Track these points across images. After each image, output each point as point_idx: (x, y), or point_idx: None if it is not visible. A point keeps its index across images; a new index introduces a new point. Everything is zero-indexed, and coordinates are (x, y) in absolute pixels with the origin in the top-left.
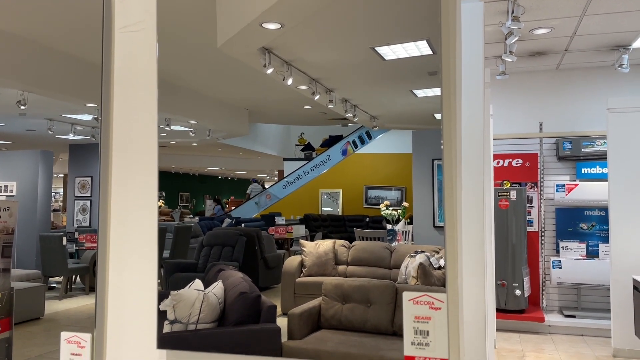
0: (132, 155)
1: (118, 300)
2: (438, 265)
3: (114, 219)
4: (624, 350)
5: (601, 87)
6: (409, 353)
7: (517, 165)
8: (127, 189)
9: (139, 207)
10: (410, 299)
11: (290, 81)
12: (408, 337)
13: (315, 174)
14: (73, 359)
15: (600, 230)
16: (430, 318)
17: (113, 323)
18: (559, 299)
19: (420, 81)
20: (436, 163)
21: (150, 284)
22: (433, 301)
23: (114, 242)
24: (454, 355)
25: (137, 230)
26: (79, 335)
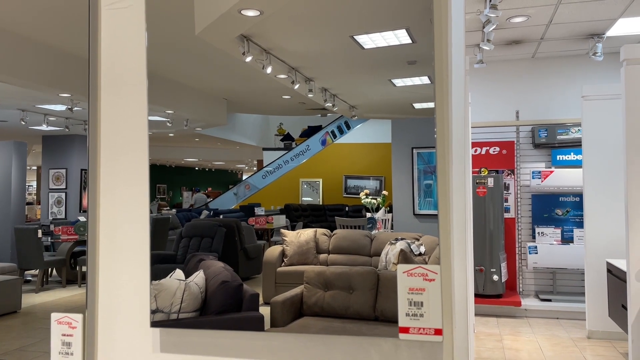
0: (122, 131)
1: (109, 279)
2: (419, 252)
3: (104, 193)
4: (598, 332)
5: (576, 75)
6: (404, 324)
7: (494, 153)
8: (117, 163)
9: (129, 181)
10: (405, 271)
11: (269, 70)
12: (402, 308)
13: (295, 163)
14: (65, 340)
15: (574, 216)
16: (424, 289)
17: (105, 302)
18: (535, 284)
19: (399, 71)
20: (416, 152)
21: (142, 260)
22: (427, 273)
23: (103, 217)
24: (447, 325)
25: (127, 203)
26: (70, 315)
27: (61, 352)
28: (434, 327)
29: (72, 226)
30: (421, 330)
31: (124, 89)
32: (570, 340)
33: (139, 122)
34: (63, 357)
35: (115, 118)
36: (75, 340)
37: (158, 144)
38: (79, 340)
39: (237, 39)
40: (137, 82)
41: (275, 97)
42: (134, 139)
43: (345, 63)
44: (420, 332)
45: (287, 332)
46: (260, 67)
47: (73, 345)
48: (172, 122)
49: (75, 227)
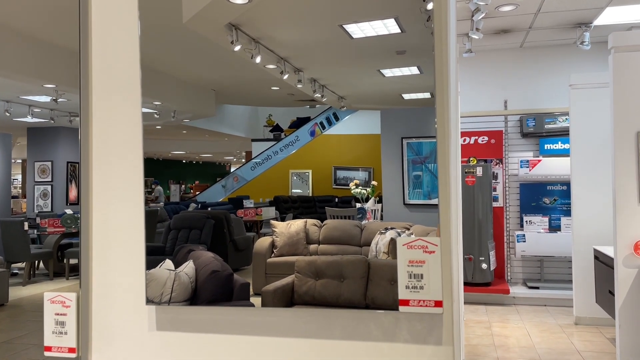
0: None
1: (103, 257)
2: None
3: (96, 169)
4: (585, 318)
5: (563, 64)
6: (404, 297)
7: (483, 143)
8: (109, 135)
9: (122, 154)
10: (404, 244)
11: (258, 59)
12: (402, 281)
13: (284, 154)
14: (58, 319)
15: (562, 204)
16: (424, 262)
17: (99, 281)
18: (523, 272)
19: (389, 61)
20: (405, 142)
21: (137, 237)
22: (427, 245)
23: (96, 193)
24: (447, 297)
25: (121, 179)
26: (64, 294)
27: (55, 331)
28: (434, 299)
29: (58, 219)
30: (421, 302)
31: (116, 81)
32: (558, 326)
33: (132, 110)
34: (57, 336)
35: (108, 107)
36: (69, 319)
37: (145, 137)
38: (73, 320)
39: (225, 28)
40: (130, 73)
41: (264, 88)
42: (127, 130)
43: (334, 53)
44: (420, 304)
45: (285, 308)
46: (249, 57)
47: (67, 325)
48: (160, 113)
49: (62, 220)
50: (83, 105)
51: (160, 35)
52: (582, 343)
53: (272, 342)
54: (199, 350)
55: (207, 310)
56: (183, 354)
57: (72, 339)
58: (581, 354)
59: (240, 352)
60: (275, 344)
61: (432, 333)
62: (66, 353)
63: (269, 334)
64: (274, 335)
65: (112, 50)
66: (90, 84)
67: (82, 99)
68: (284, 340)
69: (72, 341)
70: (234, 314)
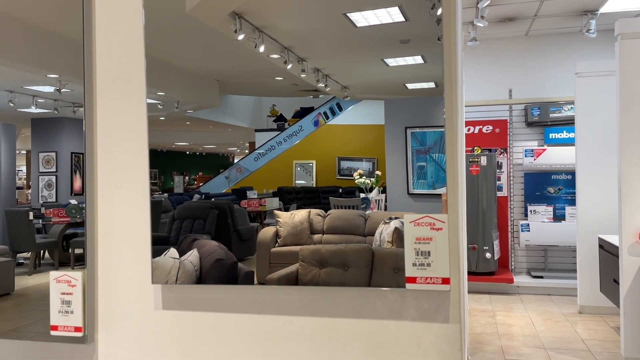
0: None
1: (109, 236)
2: None
3: (101, 149)
4: (590, 307)
5: (569, 53)
6: (410, 274)
7: (487, 132)
8: (114, 116)
9: (127, 135)
10: (412, 221)
11: (262, 49)
12: (409, 258)
13: (288, 144)
14: (64, 299)
15: (566, 194)
16: (431, 239)
17: (104, 260)
18: (527, 261)
19: (392, 50)
20: (409, 132)
21: (142, 217)
22: (434, 222)
23: (102, 173)
24: (454, 274)
25: (126, 158)
26: (69, 274)
27: (61, 310)
28: (442, 276)
29: (63, 209)
30: (428, 279)
31: (120, 71)
32: (562, 315)
33: (136, 101)
34: (63, 315)
35: (112, 98)
36: (75, 298)
37: (149, 128)
38: (79, 299)
39: (228, 16)
40: (134, 63)
41: (268, 79)
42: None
43: (337, 42)
44: (428, 281)
45: (291, 286)
46: (253, 46)
47: (73, 304)
48: (163, 104)
49: (66, 210)
50: (87, 96)
51: (164, 25)
52: (586, 332)
53: (278, 320)
54: (205, 329)
55: (213, 289)
56: (189, 332)
57: (79, 318)
58: (585, 342)
59: (246, 330)
60: (281, 323)
61: (439, 311)
62: (72, 332)
63: (274, 313)
64: (279, 313)
65: (116, 40)
66: (94, 74)
67: (86, 90)
68: (290, 319)
69: (79, 320)
70: (240, 292)
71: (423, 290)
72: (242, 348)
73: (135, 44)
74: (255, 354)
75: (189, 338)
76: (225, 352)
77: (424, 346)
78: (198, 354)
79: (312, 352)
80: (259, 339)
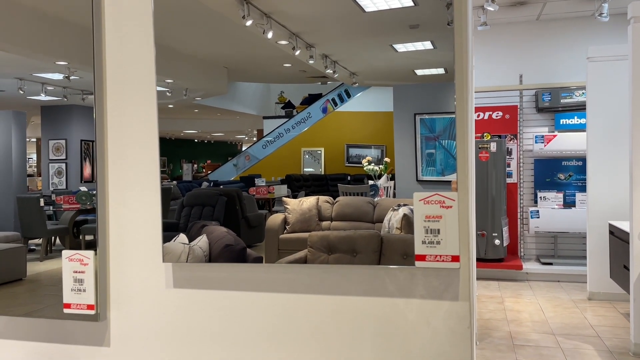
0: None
1: (120, 215)
2: None
3: (111, 130)
4: (599, 294)
5: (580, 37)
6: (420, 252)
7: (497, 118)
8: (124, 103)
9: (138, 115)
10: (421, 199)
11: (270, 35)
12: (419, 236)
13: (296, 132)
14: (76, 277)
15: (577, 180)
16: (441, 217)
17: (116, 239)
18: (536, 248)
19: (401, 35)
20: (418, 118)
21: (153, 195)
22: (444, 200)
23: (112, 150)
24: (464, 252)
25: (136, 135)
26: (81, 252)
27: (73, 289)
28: (451, 254)
29: (73, 195)
30: (438, 257)
31: (130, 58)
32: (571, 301)
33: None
34: (76, 293)
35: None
36: (87, 277)
37: (158, 116)
38: (91, 277)
39: (236, 2)
40: (144, 50)
41: (276, 65)
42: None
43: (346, 27)
44: (437, 259)
45: (301, 264)
46: (261, 32)
47: (85, 282)
48: (172, 91)
49: (77, 197)
50: (97, 83)
51: (172, 12)
52: (595, 318)
53: (287, 298)
54: (215, 307)
55: (224, 268)
56: (200, 310)
57: (91, 296)
58: (594, 328)
59: (256, 308)
60: (290, 301)
61: (449, 289)
62: (85, 310)
63: (284, 291)
64: (289, 292)
65: (126, 28)
66: (104, 62)
67: (96, 77)
68: (299, 297)
69: (91, 298)
70: (250, 271)
71: (432, 268)
72: (251, 326)
73: (144, 30)
74: (264, 332)
75: (200, 316)
76: (235, 330)
77: (434, 324)
78: (209, 331)
79: (321, 330)
80: (268, 317)
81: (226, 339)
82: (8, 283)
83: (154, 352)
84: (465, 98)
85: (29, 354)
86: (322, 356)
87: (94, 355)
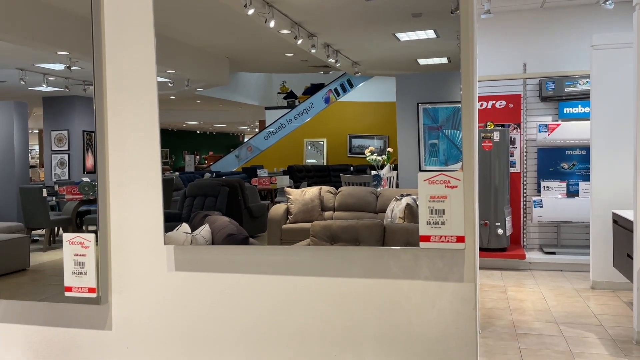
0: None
1: (121, 198)
2: None
3: (111, 111)
4: (602, 282)
5: (585, 25)
6: (425, 233)
7: (500, 107)
8: (124, 94)
9: (137, 95)
10: (426, 179)
11: (272, 24)
12: (423, 217)
13: (298, 122)
14: (77, 260)
15: (580, 169)
16: (446, 197)
17: (117, 222)
18: (539, 237)
19: (404, 24)
20: (421, 107)
21: (153, 178)
22: (449, 180)
23: (112, 135)
24: (469, 232)
25: (137, 120)
26: (82, 235)
27: (74, 272)
28: (456, 235)
29: (76, 186)
30: (442, 238)
31: (129, 48)
32: (574, 290)
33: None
34: (77, 277)
35: (122, 76)
36: (88, 260)
37: (160, 108)
38: (92, 260)
39: None
40: (144, 40)
41: (278, 55)
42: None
43: (348, 16)
44: (442, 240)
45: (304, 246)
46: (263, 22)
47: (86, 265)
48: (174, 82)
49: (79, 187)
50: (97, 74)
51: (173, 1)
52: (598, 306)
53: (290, 280)
54: (217, 290)
55: (226, 250)
56: (202, 294)
57: (92, 279)
58: (597, 317)
59: (259, 291)
60: (293, 283)
61: (454, 270)
62: (86, 293)
63: (287, 273)
64: (292, 274)
65: (125, 17)
66: (104, 52)
67: (95, 68)
68: (302, 279)
69: (92, 281)
70: (252, 253)
71: (437, 249)
72: (254, 308)
73: (144, 21)
74: (268, 314)
75: (202, 299)
76: (238, 313)
77: (438, 305)
78: (211, 314)
79: (324, 313)
80: (271, 299)
81: (228, 322)
82: (12, 273)
83: (156, 335)
84: (471, 81)
85: (30, 338)
86: (324, 339)
87: (96, 338)
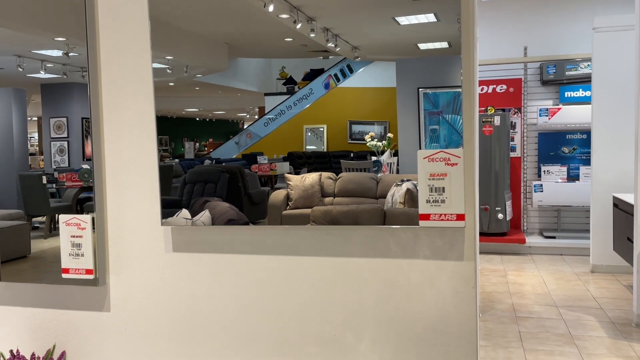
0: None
1: (116, 178)
2: None
3: (106, 93)
4: (602, 266)
5: (586, 7)
6: (424, 211)
7: (501, 91)
8: (119, 79)
9: (132, 77)
10: (425, 157)
11: (271, 8)
12: (422, 195)
13: (298, 109)
14: (74, 242)
15: (581, 154)
16: (446, 175)
17: (113, 203)
18: (539, 222)
19: (404, 7)
20: (422, 92)
21: (149, 159)
22: (449, 157)
23: (107, 119)
24: (469, 211)
25: (132, 102)
26: (79, 217)
27: (71, 253)
28: (456, 213)
29: (76, 173)
30: (442, 216)
31: (123, 32)
32: (574, 274)
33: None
34: (74, 258)
35: (116, 61)
36: (85, 241)
37: (158, 94)
38: (89, 242)
39: None
40: (138, 25)
41: (278, 40)
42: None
43: (347, 0)
44: (442, 218)
45: (304, 226)
46: (262, 6)
47: (83, 247)
48: (172, 68)
49: (79, 174)
50: (91, 59)
51: None
52: (598, 290)
53: (290, 261)
54: (216, 271)
55: (224, 230)
56: (200, 274)
57: (89, 261)
58: (597, 300)
59: (258, 271)
60: (293, 263)
61: (453, 248)
62: (83, 275)
63: (286, 253)
64: (291, 254)
65: (119, 2)
66: (98, 38)
67: (89, 53)
68: (301, 259)
69: (89, 263)
70: (251, 233)
71: (437, 228)
72: (253, 289)
73: (139, 5)
74: (266, 294)
75: (200, 280)
76: (235, 293)
77: (438, 284)
78: (209, 295)
79: (324, 293)
80: (270, 279)
81: (227, 302)
82: (12, 260)
83: (154, 316)
84: (471, 65)
85: (29, 320)
86: (323, 319)
87: (94, 320)
